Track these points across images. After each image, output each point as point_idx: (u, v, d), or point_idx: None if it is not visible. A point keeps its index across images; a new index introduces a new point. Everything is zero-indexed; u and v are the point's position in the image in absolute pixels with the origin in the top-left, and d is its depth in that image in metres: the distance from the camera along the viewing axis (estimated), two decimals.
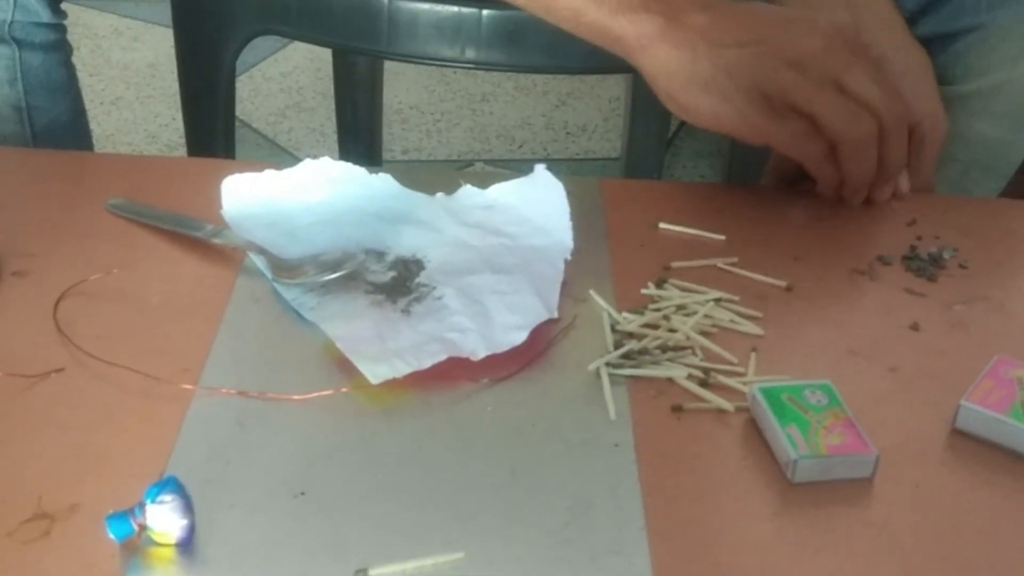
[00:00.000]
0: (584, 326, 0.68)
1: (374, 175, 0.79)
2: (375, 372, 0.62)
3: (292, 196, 0.77)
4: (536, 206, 0.76)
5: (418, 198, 0.78)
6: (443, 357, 0.63)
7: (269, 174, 0.77)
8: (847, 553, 0.55)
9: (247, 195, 0.76)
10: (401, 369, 0.63)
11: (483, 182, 0.78)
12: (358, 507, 0.55)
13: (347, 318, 0.67)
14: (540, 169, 0.77)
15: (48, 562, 0.51)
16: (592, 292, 0.70)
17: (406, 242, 0.73)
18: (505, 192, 0.78)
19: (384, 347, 0.65)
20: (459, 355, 0.64)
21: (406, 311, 0.68)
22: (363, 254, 0.71)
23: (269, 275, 0.70)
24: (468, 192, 0.78)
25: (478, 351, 0.64)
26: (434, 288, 0.69)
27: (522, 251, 0.73)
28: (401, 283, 0.70)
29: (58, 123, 0.99)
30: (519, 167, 0.81)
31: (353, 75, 1.44)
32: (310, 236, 0.74)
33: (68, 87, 1.00)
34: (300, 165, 0.78)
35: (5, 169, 0.82)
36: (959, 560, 0.55)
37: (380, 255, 0.72)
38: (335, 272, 0.69)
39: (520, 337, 0.65)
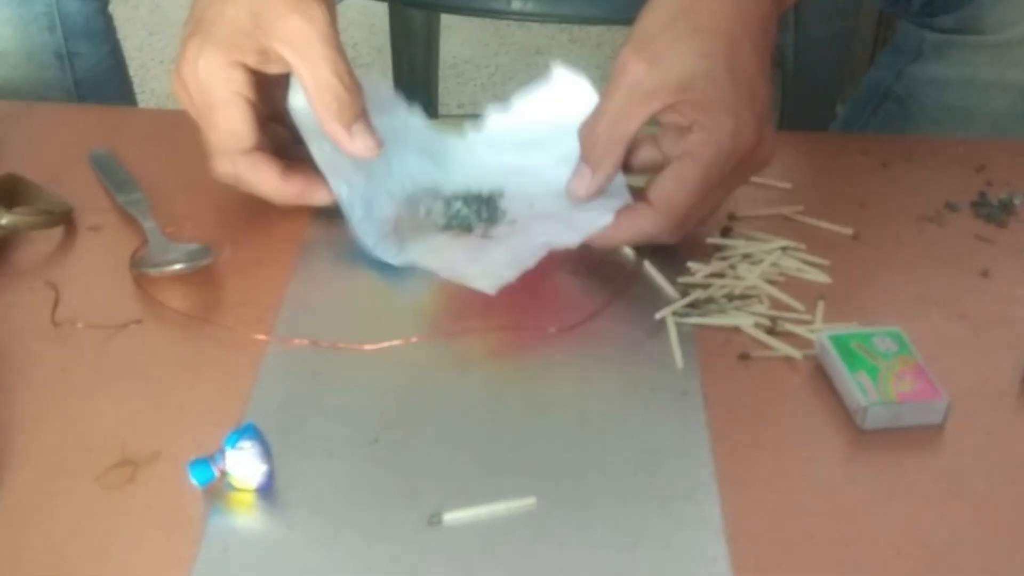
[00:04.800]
0: (649, 276, 0.68)
1: (408, 106, 0.77)
2: (487, 283, 0.64)
3: None
4: (563, 107, 0.73)
5: (450, 139, 0.77)
6: (544, 253, 0.65)
7: None
8: (918, 499, 0.55)
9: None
10: (509, 276, 0.64)
11: None
12: (431, 454, 0.56)
13: (436, 251, 0.68)
14: (558, 69, 0.75)
15: (134, 506, 0.53)
16: (647, 263, 0.69)
17: (456, 179, 0.73)
18: (530, 105, 0.76)
19: (483, 265, 0.66)
20: (558, 248, 0.65)
21: (486, 236, 0.69)
22: (429, 198, 0.71)
23: (358, 213, 0.69)
24: (495, 120, 0.77)
25: (573, 240, 0.65)
26: (505, 213, 0.70)
27: (573, 158, 0.72)
28: (471, 215, 0.70)
29: (99, 70, 1.01)
30: None
31: (409, 29, 1.44)
32: (365, 163, 0.73)
33: (107, 34, 1.02)
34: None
35: (70, 126, 0.83)
36: None
37: (435, 194, 0.72)
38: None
39: (607, 218, 0.65)
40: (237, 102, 0.66)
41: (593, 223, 0.66)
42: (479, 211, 0.70)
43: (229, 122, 0.66)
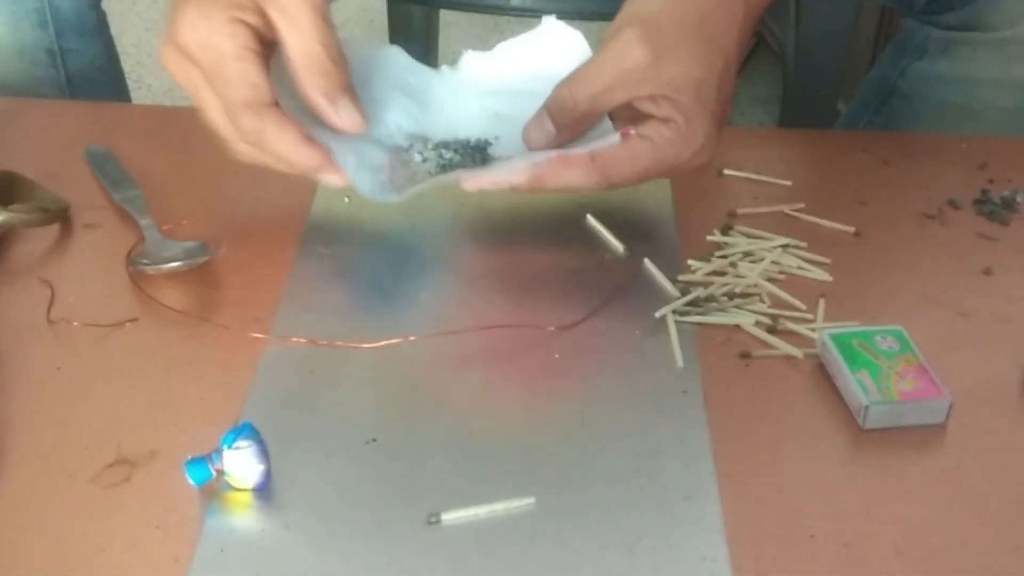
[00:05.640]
0: (649, 274, 0.68)
1: (384, 47, 0.76)
2: (496, 181, 0.64)
3: None
4: (554, 59, 0.72)
5: (429, 72, 0.75)
6: (554, 156, 0.65)
7: None
8: (920, 499, 0.55)
9: (286, 78, 0.70)
10: (523, 170, 0.64)
11: None
12: (429, 453, 0.56)
13: (440, 179, 0.67)
14: (549, 20, 0.74)
15: (130, 506, 0.53)
16: (646, 260, 0.69)
17: (442, 123, 0.72)
18: (513, 50, 0.75)
19: (492, 168, 0.65)
20: (569, 154, 0.65)
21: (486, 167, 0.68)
22: (420, 143, 0.70)
23: (351, 162, 0.67)
24: (471, 58, 0.76)
25: (581, 151, 0.65)
26: (498, 158, 0.70)
27: None
28: (465, 161, 0.69)
29: (92, 67, 1.00)
30: None
31: (408, 25, 1.43)
32: None
33: (100, 31, 1.01)
34: None
35: (66, 123, 0.83)
36: None
37: (424, 140, 0.71)
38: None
39: (615, 137, 0.65)
40: (249, 56, 0.63)
41: (602, 142, 0.66)
42: (472, 157, 0.69)
43: (246, 75, 0.63)
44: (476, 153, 0.70)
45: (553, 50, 0.73)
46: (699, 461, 0.56)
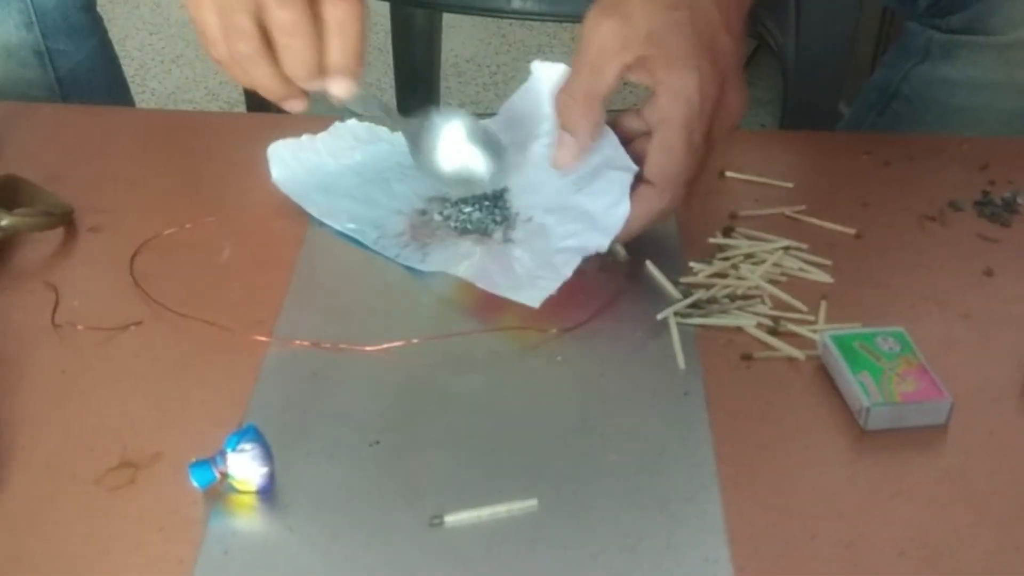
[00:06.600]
0: (651, 276, 0.68)
1: (396, 134, 0.77)
2: (531, 297, 0.64)
3: (332, 159, 0.76)
4: (549, 94, 0.72)
5: None
6: (578, 260, 0.65)
7: (306, 139, 0.76)
8: (921, 500, 0.55)
9: (292, 161, 0.75)
10: (550, 287, 0.64)
11: None
12: (432, 455, 0.56)
13: (463, 258, 0.68)
14: (538, 65, 0.75)
15: (134, 508, 0.53)
16: (648, 263, 0.69)
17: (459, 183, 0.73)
18: (515, 107, 0.76)
19: (518, 276, 0.66)
20: (588, 254, 0.66)
21: (508, 240, 0.69)
22: (438, 203, 0.71)
23: (372, 235, 0.70)
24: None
25: (602, 244, 0.66)
26: (518, 213, 0.70)
27: None
28: (485, 218, 0.70)
29: (83, 68, 0.99)
30: None
31: (411, 28, 1.44)
32: (365, 194, 0.74)
33: (90, 32, 1.00)
34: (331, 128, 0.77)
35: (68, 127, 0.83)
36: None
37: (443, 200, 0.72)
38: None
39: (625, 206, 0.66)
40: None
41: (615, 216, 0.66)
42: (492, 213, 0.70)
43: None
44: (494, 207, 0.71)
45: (544, 87, 0.74)
46: (701, 462, 0.56)
